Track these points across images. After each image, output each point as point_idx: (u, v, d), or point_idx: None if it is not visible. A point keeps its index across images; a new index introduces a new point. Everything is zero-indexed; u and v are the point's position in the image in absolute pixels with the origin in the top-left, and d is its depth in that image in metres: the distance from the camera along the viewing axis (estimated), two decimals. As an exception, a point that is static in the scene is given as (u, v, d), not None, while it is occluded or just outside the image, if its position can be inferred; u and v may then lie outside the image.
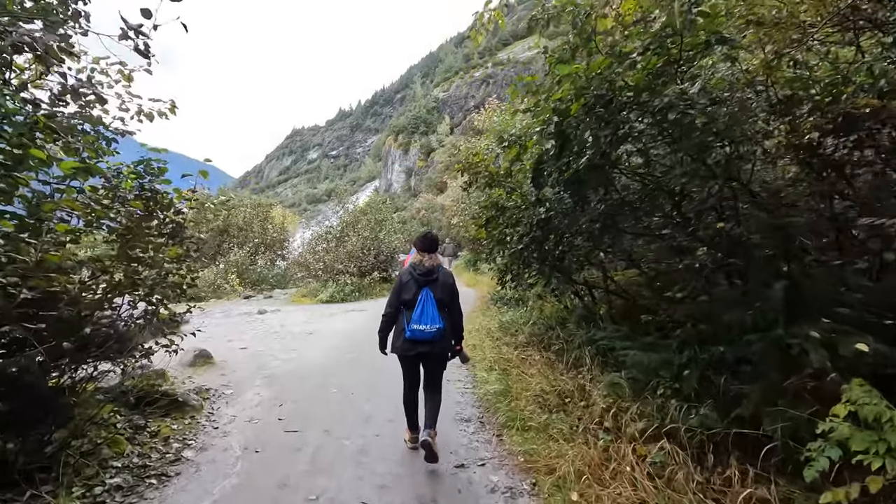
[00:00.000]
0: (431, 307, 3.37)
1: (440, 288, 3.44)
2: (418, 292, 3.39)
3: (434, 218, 33.13)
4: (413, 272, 3.46)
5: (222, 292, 14.97)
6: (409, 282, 3.43)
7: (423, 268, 3.45)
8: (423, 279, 3.41)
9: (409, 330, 3.32)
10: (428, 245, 3.54)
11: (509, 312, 7.90)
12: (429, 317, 3.33)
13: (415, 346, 3.36)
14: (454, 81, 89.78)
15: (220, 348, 6.73)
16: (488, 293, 13.51)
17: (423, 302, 3.36)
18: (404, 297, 3.43)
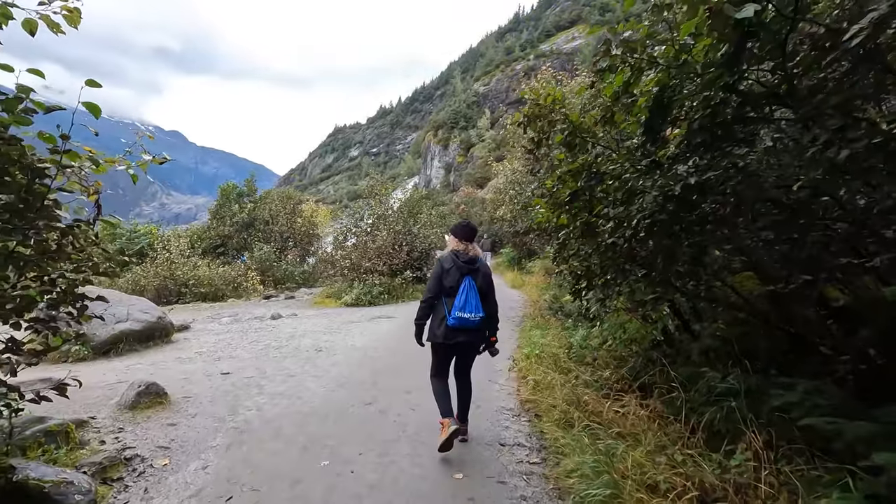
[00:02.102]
0: (474, 296, 3.33)
1: (481, 277, 3.42)
2: (461, 280, 3.33)
3: (474, 212, 31.26)
4: (456, 259, 3.38)
5: (242, 291, 13.66)
6: (451, 269, 3.35)
7: (467, 256, 3.42)
8: (466, 267, 3.36)
9: (453, 317, 3.25)
10: (468, 234, 3.49)
11: (580, 330, 5.90)
12: (472, 305, 3.29)
13: (457, 334, 3.31)
14: (495, 75, 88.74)
15: (196, 374, 5.12)
16: (540, 298, 11.50)
17: (465, 290, 3.30)
18: (446, 283, 3.34)
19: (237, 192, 17.83)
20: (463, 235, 3.48)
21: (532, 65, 77.22)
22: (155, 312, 7.13)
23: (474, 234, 3.53)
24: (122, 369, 5.40)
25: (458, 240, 3.48)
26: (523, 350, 6.16)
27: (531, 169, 9.16)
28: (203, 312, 10.51)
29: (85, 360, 6.10)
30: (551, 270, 14.42)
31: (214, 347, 6.71)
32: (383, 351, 6.35)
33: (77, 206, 3.07)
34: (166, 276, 12.47)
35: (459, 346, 3.39)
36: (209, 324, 9.03)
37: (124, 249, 15.01)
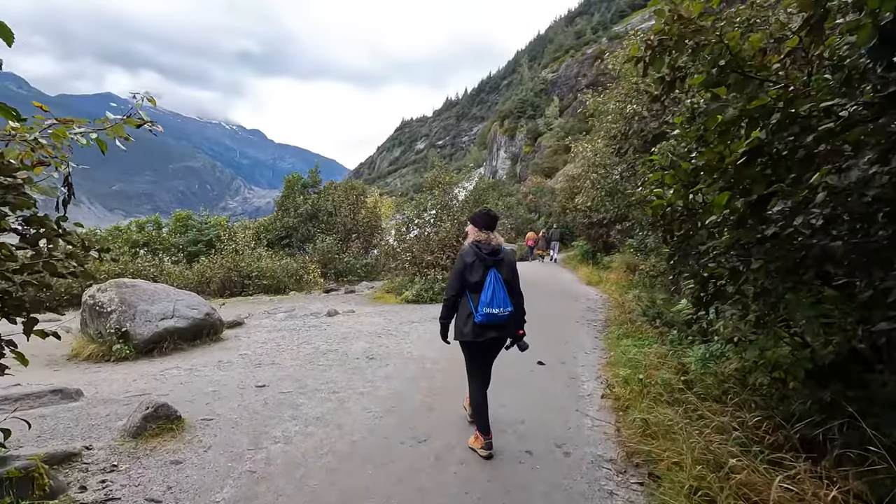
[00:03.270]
0: (501, 289, 3.08)
1: (506, 268, 3.19)
2: (486, 273, 3.10)
3: (543, 203, 29.66)
4: (479, 251, 3.14)
5: (304, 283, 13.35)
6: (475, 262, 3.12)
7: (490, 247, 3.18)
8: (490, 259, 3.13)
9: (481, 314, 3.02)
10: (489, 222, 3.26)
11: (694, 348, 4.58)
12: (500, 299, 3.05)
13: (486, 330, 3.10)
14: (564, 61, 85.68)
15: (228, 385, 4.43)
16: (623, 298, 10.06)
17: (491, 284, 3.06)
18: (470, 279, 3.11)
19: (302, 184, 17.72)
20: (484, 224, 3.26)
21: (605, 47, 73.54)
22: (203, 308, 6.66)
23: (496, 223, 3.32)
24: (155, 374, 4.87)
25: (478, 229, 3.26)
26: (617, 369, 4.96)
27: (618, 149, 7.78)
28: (262, 306, 10.16)
29: (127, 360, 5.69)
30: (633, 266, 12.83)
31: (261, 349, 6.09)
32: (443, 363, 5.39)
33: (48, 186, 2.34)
34: (230, 268, 12.37)
35: (490, 342, 3.20)
36: (264, 319, 8.57)
37: (196, 241, 15.30)
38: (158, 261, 12.76)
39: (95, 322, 5.95)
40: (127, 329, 5.78)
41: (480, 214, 3.31)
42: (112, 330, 5.72)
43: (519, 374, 4.99)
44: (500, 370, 3.78)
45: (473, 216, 3.36)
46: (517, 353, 3.52)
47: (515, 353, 3.51)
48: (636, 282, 11.38)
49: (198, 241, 15.12)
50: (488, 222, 3.27)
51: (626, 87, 7.76)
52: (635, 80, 7.04)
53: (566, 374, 5.10)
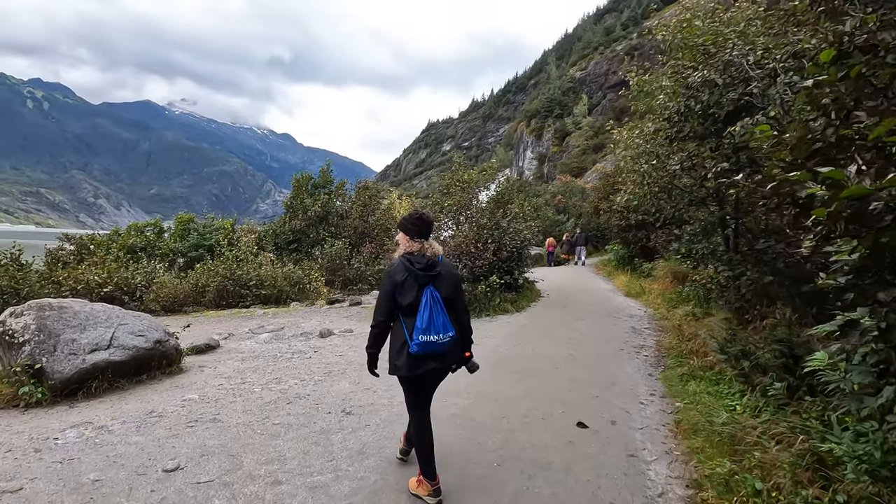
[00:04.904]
0: (440, 311, 2.61)
1: (445, 284, 2.71)
2: (420, 293, 2.61)
3: (573, 203, 27.84)
4: (411, 266, 2.64)
5: (308, 293, 12.06)
6: (406, 280, 2.63)
7: (424, 259, 2.67)
8: (424, 276, 2.63)
9: (416, 343, 2.56)
10: (423, 228, 2.78)
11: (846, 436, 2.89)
12: (438, 324, 2.58)
13: (423, 362, 2.63)
14: (593, 58, 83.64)
15: (120, 474, 3.03)
16: (672, 314, 8.33)
17: (427, 305, 2.58)
18: (402, 300, 2.62)
19: (312, 184, 16.51)
20: (417, 231, 2.75)
21: (635, 44, 71.20)
22: (153, 335, 5.34)
23: (431, 228, 2.84)
24: (43, 438, 3.51)
25: (410, 238, 2.75)
26: (695, 440, 3.37)
27: (676, 132, 6.14)
28: (252, 321, 8.87)
29: (40, 406, 4.40)
30: (682, 275, 11.04)
31: (216, 392, 4.72)
32: (456, 423, 3.87)
33: None
34: (226, 276, 11.18)
35: (429, 374, 2.72)
36: (244, 341, 7.24)
37: (197, 245, 14.25)
38: (151, 268, 11.69)
39: (7, 356, 4.70)
40: (42, 365, 4.50)
41: (412, 219, 2.81)
42: (22, 366, 4.45)
43: (550, 448, 3.45)
44: (522, 437, 3.28)
45: (403, 221, 2.85)
46: (546, 408, 3.20)
47: (545, 408, 2.98)
48: (687, 295, 9.62)
49: (199, 247, 14.06)
50: (422, 228, 2.79)
51: (688, 56, 6.13)
52: (708, 38, 5.39)
53: (621, 446, 3.53)
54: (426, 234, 2.80)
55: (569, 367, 5.62)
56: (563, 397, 4.56)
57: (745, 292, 6.09)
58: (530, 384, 4.94)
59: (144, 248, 13.81)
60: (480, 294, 9.16)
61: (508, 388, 4.78)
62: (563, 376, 5.27)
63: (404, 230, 2.81)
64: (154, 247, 14.10)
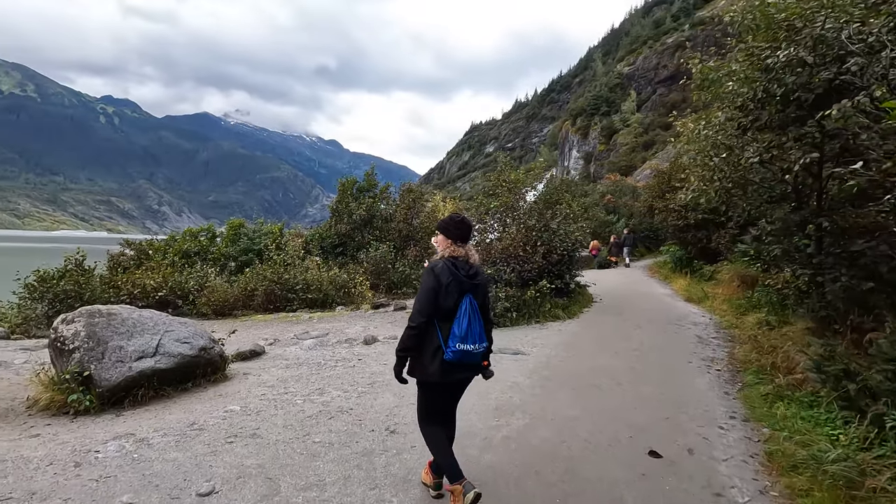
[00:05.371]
0: (477, 321, 2.58)
1: (481, 292, 2.67)
2: (460, 299, 2.56)
3: (623, 203, 26.70)
4: (456, 271, 2.58)
5: (354, 297, 11.99)
6: (450, 283, 2.54)
7: (468, 266, 2.64)
8: (468, 283, 2.59)
9: (452, 350, 2.50)
10: (465, 232, 2.72)
11: None
12: (476, 333, 2.55)
13: (456, 370, 2.59)
14: (641, 53, 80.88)
15: (154, 495, 2.86)
16: (742, 321, 7.58)
17: (466, 312, 2.53)
18: (443, 304, 2.54)
19: (357, 187, 16.54)
20: (459, 235, 2.69)
21: (687, 35, 68.18)
22: (198, 342, 5.29)
23: (471, 233, 2.78)
24: (86, 450, 3.43)
25: (452, 241, 2.68)
26: (794, 476, 2.85)
27: (752, 121, 5.50)
28: (297, 326, 8.84)
29: (88, 413, 4.39)
30: (751, 279, 10.12)
31: (258, 403, 4.57)
32: (510, 447, 3.50)
33: None
34: (273, 281, 11.27)
35: (457, 384, 2.74)
36: (289, 347, 7.16)
37: (247, 249, 14.54)
38: (203, 273, 11.98)
39: (59, 362, 4.74)
40: (91, 372, 4.49)
41: (454, 222, 2.75)
42: (71, 373, 4.46)
43: (621, 482, 3.01)
44: (586, 468, 3.04)
45: (444, 223, 2.78)
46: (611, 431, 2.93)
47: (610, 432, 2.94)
48: (758, 301, 8.78)
49: (249, 251, 14.34)
50: (464, 232, 2.73)
51: (764, 36, 5.49)
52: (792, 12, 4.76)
53: (704, 482, 3.04)
54: (467, 239, 2.74)
55: (632, 383, 5.11)
56: (629, 418, 4.08)
57: (832, 299, 5.35)
58: (590, 402, 4.48)
59: (198, 253, 14.23)
60: (529, 299, 8.71)
61: (566, 406, 4.35)
62: (627, 393, 4.77)
63: (445, 233, 2.74)
64: (207, 251, 14.51)
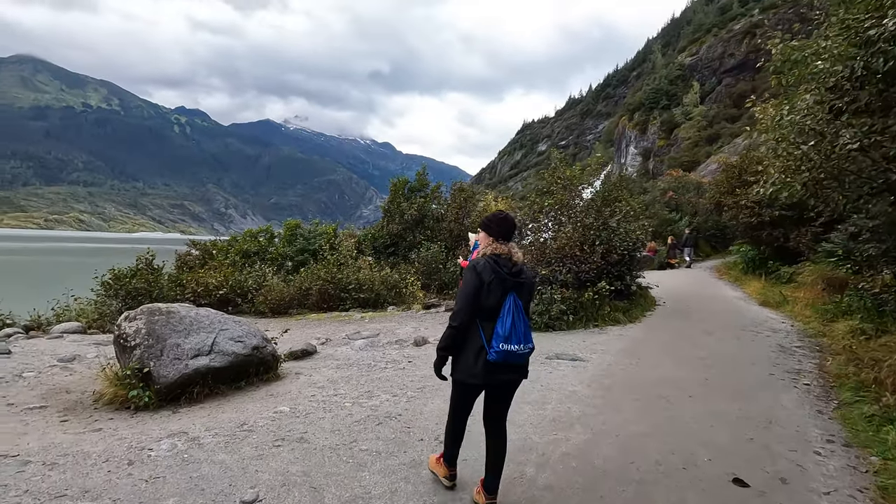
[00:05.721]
0: (521, 320, 2.48)
1: (526, 291, 2.58)
2: (503, 298, 2.47)
3: (686, 200, 25.23)
4: (499, 269, 2.49)
5: (405, 297, 11.95)
6: (492, 281, 2.47)
7: (512, 264, 2.54)
8: (511, 280, 2.50)
9: (496, 350, 2.41)
10: (508, 230, 2.63)
11: None
12: (520, 333, 2.45)
13: (499, 371, 2.51)
14: (705, 42, 76.67)
15: (199, 499, 2.80)
16: (831, 333, 6.76)
17: (510, 312, 2.44)
18: (486, 303, 2.47)
19: (408, 187, 16.55)
20: (501, 233, 2.60)
21: (756, 21, 63.74)
22: (251, 341, 5.33)
23: (514, 231, 2.67)
24: (141, 447, 3.46)
25: (494, 239, 2.60)
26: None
27: (849, 102, 4.85)
28: (349, 326, 8.86)
29: (147, 409, 4.50)
30: (839, 282, 9.10)
31: (308, 404, 4.51)
32: (570, 466, 3.19)
33: None
34: (327, 280, 11.43)
35: (501, 386, 2.64)
36: (341, 347, 7.14)
37: (303, 249, 14.91)
38: (262, 272, 12.35)
39: (122, 358, 4.91)
40: (150, 369, 4.60)
41: (497, 219, 2.66)
42: (132, 370, 4.59)
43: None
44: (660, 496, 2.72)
45: (487, 220, 2.71)
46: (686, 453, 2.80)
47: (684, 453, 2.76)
48: (848, 306, 7.85)
49: (304, 251, 14.70)
50: (507, 230, 2.63)
51: (864, 6, 4.84)
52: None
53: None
54: (510, 237, 2.66)
55: (706, 396, 4.62)
56: (706, 438, 3.64)
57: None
58: (659, 417, 4.06)
59: (257, 253, 14.75)
60: (587, 302, 8.25)
61: (632, 421, 3.95)
62: (701, 408, 4.30)
63: (487, 230, 2.67)
64: (265, 251, 15.01)
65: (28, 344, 7.13)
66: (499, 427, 2.75)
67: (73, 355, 6.47)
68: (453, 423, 2.83)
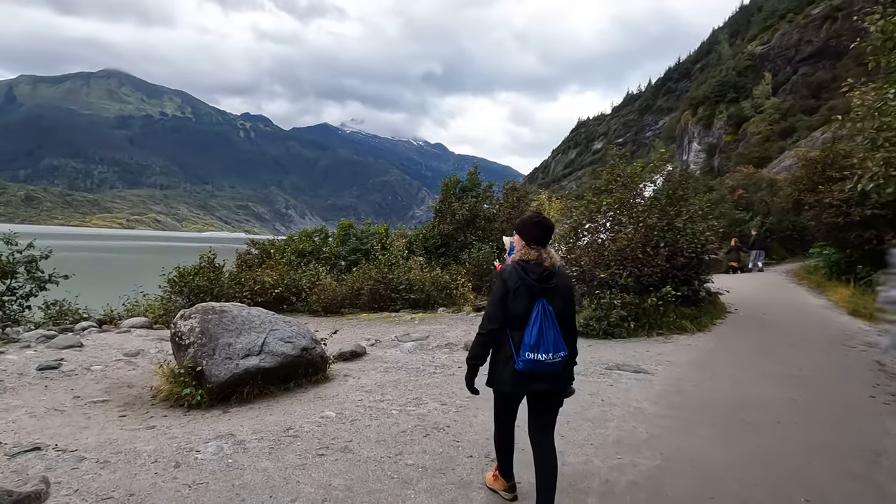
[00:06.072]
0: (551, 327, 2.35)
1: (560, 298, 2.43)
2: (531, 305, 2.37)
3: (758, 198, 23.45)
4: (525, 275, 2.39)
5: (456, 298, 11.74)
6: (518, 288, 2.39)
7: (539, 269, 2.42)
8: (539, 287, 2.38)
9: (523, 360, 2.34)
10: (540, 234, 2.49)
11: None
12: (549, 341, 2.33)
13: (528, 381, 2.42)
14: (778, 29, 71.53)
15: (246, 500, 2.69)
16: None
17: (538, 319, 2.34)
18: (513, 310, 2.39)
19: (460, 187, 16.35)
20: (533, 236, 2.48)
21: (838, 3, 58.51)
22: (300, 342, 5.28)
23: (550, 235, 2.52)
24: (190, 448, 3.43)
25: (526, 243, 2.49)
26: None
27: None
28: (396, 328, 8.76)
29: (199, 408, 4.53)
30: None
31: (354, 409, 4.37)
32: (639, 498, 2.83)
33: None
34: (378, 280, 11.43)
35: (536, 397, 2.52)
36: (389, 349, 7.02)
37: (356, 249, 15.08)
38: (315, 271, 12.56)
39: (178, 355, 5.00)
40: (202, 368, 4.64)
41: (531, 222, 2.53)
42: (186, 368, 4.65)
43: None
44: None
45: (520, 223, 2.58)
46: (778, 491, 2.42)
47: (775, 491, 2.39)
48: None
49: (357, 251, 14.85)
50: (540, 234, 2.48)
51: None
52: None
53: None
54: (544, 242, 2.52)
55: (796, 421, 4.05)
56: (802, 473, 3.14)
57: None
58: (741, 445, 3.57)
59: (312, 252, 15.05)
60: (650, 308, 7.67)
61: (708, 447, 3.50)
62: (791, 435, 3.76)
63: (520, 234, 2.56)
64: (320, 251, 15.30)
65: (99, 338, 7.54)
66: (543, 441, 2.58)
67: (138, 350, 6.75)
68: (497, 433, 2.78)
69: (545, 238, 2.53)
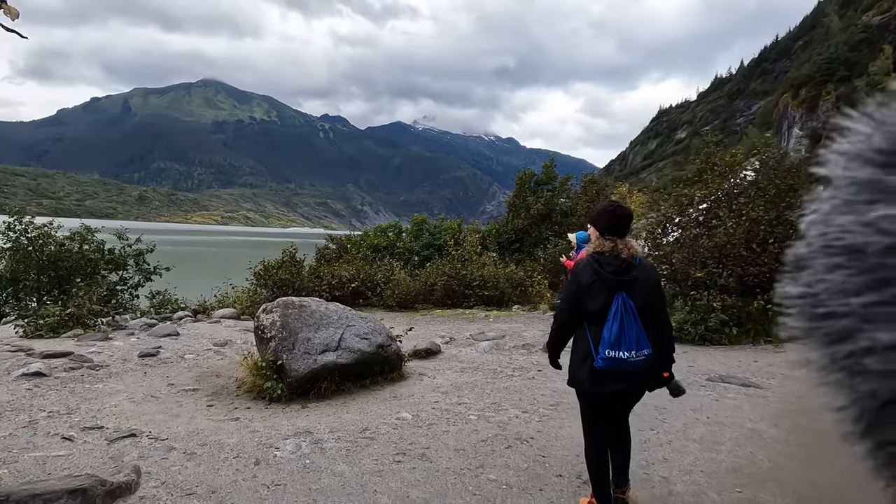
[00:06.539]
0: (633, 323, 2.15)
1: (641, 291, 2.21)
2: (610, 299, 2.18)
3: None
4: (600, 268, 2.20)
5: (531, 296, 11.33)
6: (593, 283, 2.21)
7: (616, 262, 2.21)
8: (615, 280, 2.19)
9: (602, 358, 2.15)
10: (615, 223, 2.29)
11: None
12: (630, 338, 2.13)
13: (608, 381, 2.21)
14: (901, -5, 62.58)
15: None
16: None
17: (618, 314, 2.14)
18: (588, 306, 2.22)
19: (535, 181, 15.81)
20: (607, 226, 2.28)
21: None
22: (376, 338, 5.21)
23: (628, 224, 2.30)
24: (271, 443, 3.42)
25: (600, 234, 2.30)
26: None
27: None
28: (471, 325, 8.53)
29: (279, 402, 4.58)
30: None
31: (430, 411, 4.20)
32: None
33: None
34: (451, 276, 11.29)
35: (614, 398, 2.30)
36: (464, 348, 6.81)
37: (429, 245, 15.09)
38: (389, 266, 12.68)
39: (260, 348, 5.10)
40: (283, 362, 4.69)
41: (606, 211, 2.32)
42: (267, 361, 4.72)
43: None
44: None
45: (595, 212, 2.41)
46: None
47: None
48: None
49: (430, 246, 14.85)
50: (615, 224, 2.27)
51: None
52: None
53: None
54: (621, 232, 2.29)
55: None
56: None
57: None
58: None
59: (386, 247, 15.27)
60: (756, 312, 6.82)
61: (852, 484, 2.90)
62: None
63: (594, 225, 2.39)
64: (394, 246, 15.48)
65: (193, 327, 8.04)
66: (619, 427, 2.47)
67: (226, 340, 7.08)
68: (588, 447, 2.49)
69: (621, 227, 2.31)
